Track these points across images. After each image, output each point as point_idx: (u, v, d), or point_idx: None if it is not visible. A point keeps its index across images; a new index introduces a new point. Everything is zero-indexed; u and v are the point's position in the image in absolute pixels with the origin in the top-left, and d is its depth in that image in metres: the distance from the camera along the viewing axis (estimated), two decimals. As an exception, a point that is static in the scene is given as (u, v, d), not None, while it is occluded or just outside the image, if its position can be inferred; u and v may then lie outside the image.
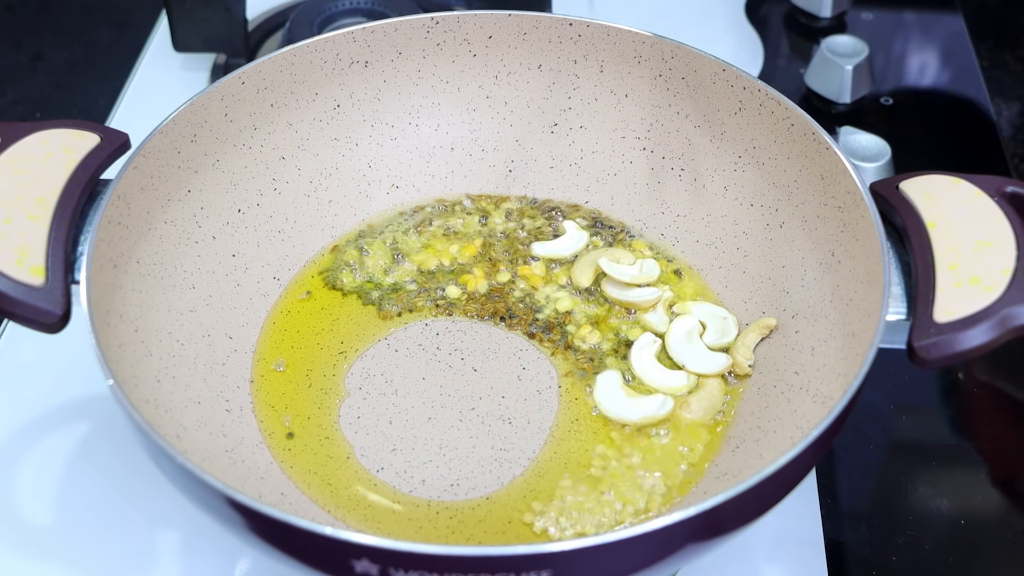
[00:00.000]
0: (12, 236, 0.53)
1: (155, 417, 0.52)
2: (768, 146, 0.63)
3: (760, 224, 0.64)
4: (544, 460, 0.57)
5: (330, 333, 0.63)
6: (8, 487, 0.64)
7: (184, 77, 0.91)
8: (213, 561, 0.61)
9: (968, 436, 0.69)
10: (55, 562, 0.61)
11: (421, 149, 0.70)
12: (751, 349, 0.60)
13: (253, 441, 0.58)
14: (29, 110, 0.95)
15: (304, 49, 0.66)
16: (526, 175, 0.70)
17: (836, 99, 0.88)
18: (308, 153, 0.68)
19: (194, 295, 0.61)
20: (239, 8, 0.85)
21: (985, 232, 0.53)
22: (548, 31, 0.68)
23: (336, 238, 0.68)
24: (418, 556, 0.44)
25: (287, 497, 0.55)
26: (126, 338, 0.55)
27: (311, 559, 0.47)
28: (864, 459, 0.67)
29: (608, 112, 0.69)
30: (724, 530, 0.49)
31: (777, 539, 0.61)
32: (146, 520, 0.62)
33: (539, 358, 0.62)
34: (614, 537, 0.44)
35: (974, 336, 0.50)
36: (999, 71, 1.07)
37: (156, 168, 0.60)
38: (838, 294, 0.58)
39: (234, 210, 0.64)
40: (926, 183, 0.56)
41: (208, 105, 0.62)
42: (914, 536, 0.63)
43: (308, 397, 0.60)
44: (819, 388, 0.55)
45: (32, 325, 0.53)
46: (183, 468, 0.47)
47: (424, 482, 0.57)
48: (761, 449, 0.55)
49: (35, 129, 0.57)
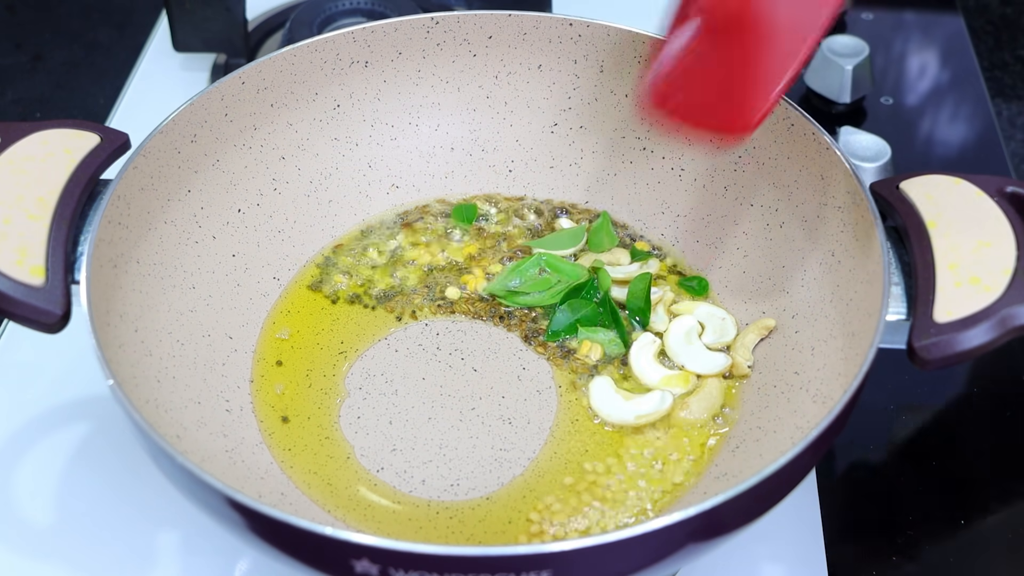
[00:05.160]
0: (12, 236, 0.53)
1: (155, 417, 0.52)
2: (768, 146, 0.63)
3: (760, 224, 0.64)
4: (544, 460, 0.57)
5: (330, 333, 0.63)
6: (8, 487, 0.64)
7: (184, 77, 0.91)
8: (213, 561, 0.61)
9: (968, 436, 0.69)
10: (55, 562, 0.61)
11: (421, 149, 0.70)
12: (750, 350, 0.60)
13: (253, 441, 0.58)
14: (29, 110, 0.95)
15: (304, 49, 0.66)
16: (526, 175, 0.70)
17: (836, 99, 0.88)
18: (308, 153, 0.68)
19: (194, 295, 0.61)
20: (239, 8, 0.85)
21: (985, 232, 0.53)
22: (548, 31, 0.68)
23: (336, 238, 0.68)
24: (418, 556, 0.44)
25: (287, 497, 0.55)
26: (126, 338, 0.55)
27: (311, 559, 0.47)
28: (864, 459, 0.67)
29: (608, 112, 0.69)
30: (724, 530, 0.49)
31: (777, 539, 0.61)
32: (146, 520, 0.62)
33: (538, 358, 0.62)
34: (614, 537, 0.44)
35: (974, 336, 0.50)
36: (999, 71, 1.07)
37: (156, 168, 0.60)
38: (838, 294, 0.58)
39: (234, 210, 0.65)
40: (926, 183, 0.56)
41: (208, 105, 0.62)
42: (914, 536, 0.63)
43: (308, 397, 0.60)
44: (819, 388, 0.55)
45: (32, 325, 0.53)
46: (183, 468, 0.47)
47: (424, 482, 0.57)
48: (761, 449, 0.55)
49: (35, 129, 0.57)
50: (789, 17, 0.55)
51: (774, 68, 0.55)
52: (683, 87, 0.58)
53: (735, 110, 0.56)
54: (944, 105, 0.90)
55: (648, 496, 0.55)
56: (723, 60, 0.57)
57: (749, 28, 0.55)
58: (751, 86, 0.56)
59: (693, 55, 0.58)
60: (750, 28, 0.55)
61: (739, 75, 0.56)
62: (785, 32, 0.55)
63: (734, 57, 0.56)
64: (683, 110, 0.58)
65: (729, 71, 0.57)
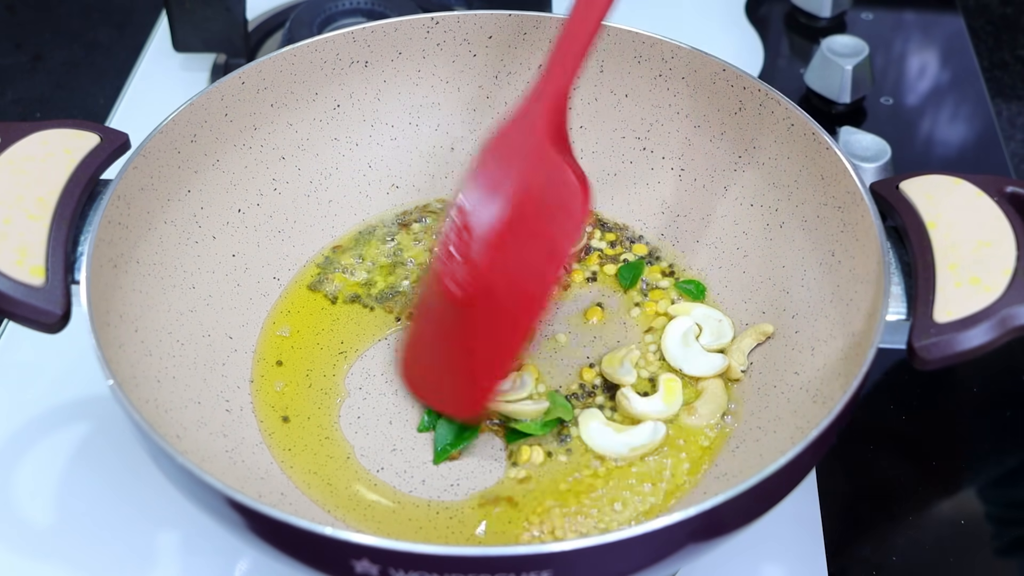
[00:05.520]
0: (12, 236, 0.53)
1: (155, 417, 0.52)
2: (768, 146, 0.63)
3: (760, 224, 0.64)
4: (544, 460, 0.57)
5: (330, 333, 0.63)
6: (8, 487, 0.64)
7: (184, 77, 0.91)
8: (213, 561, 0.61)
9: (968, 436, 0.68)
10: (55, 562, 0.61)
11: (421, 149, 0.70)
12: (745, 354, 0.60)
13: (253, 441, 0.58)
14: (29, 110, 0.95)
15: (304, 49, 0.66)
16: (526, 175, 0.70)
17: (836, 99, 0.88)
18: (308, 153, 0.68)
19: (194, 295, 0.61)
20: (239, 8, 0.85)
21: (985, 232, 0.53)
22: (548, 31, 0.68)
23: (336, 238, 0.68)
24: (418, 556, 0.44)
25: (287, 497, 0.55)
26: (126, 338, 0.55)
27: (311, 559, 0.47)
28: (864, 459, 0.67)
29: (608, 112, 0.69)
30: (724, 530, 0.49)
31: (777, 539, 0.61)
32: (146, 520, 0.62)
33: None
34: (614, 537, 0.44)
35: (974, 336, 0.50)
36: (999, 71, 1.08)
37: (156, 168, 0.60)
38: (838, 294, 0.58)
39: (234, 210, 0.65)
40: (926, 183, 0.56)
41: (208, 105, 0.62)
42: (914, 536, 0.63)
43: (308, 397, 0.60)
44: (819, 388, 0.55)
45: (32, 325, 0.53)
46: (183, 468, 0.47)
47: (424, 482, 0.57)
48: (761, 449, 0.56)
49: (35, 129, 0.57)
50: (514, 289, 0.57)
51: (503, 340, 0.57)
52: (425, 374, 0.60)
53: (462, 398, 0.58)
54: (944, 105, 0.90)
55: (648, 496, 0.55)
56: (455, 340, 0.58)
57: (475, 305, 0.57)
58: (483, 358, 0.57)
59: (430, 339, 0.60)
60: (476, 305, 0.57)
61: (471, 349, 0.58)
62: (512, 300, 0.56)
63: (464, 334, 0.58)
64: (422, 392, 0.60)
65: (460, 348, 0.58)
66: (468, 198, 0.58)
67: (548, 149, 0.57)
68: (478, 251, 0.56)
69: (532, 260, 0.56)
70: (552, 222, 0.57)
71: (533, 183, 0.57)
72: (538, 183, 0.57)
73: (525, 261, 0.56)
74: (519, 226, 0.57)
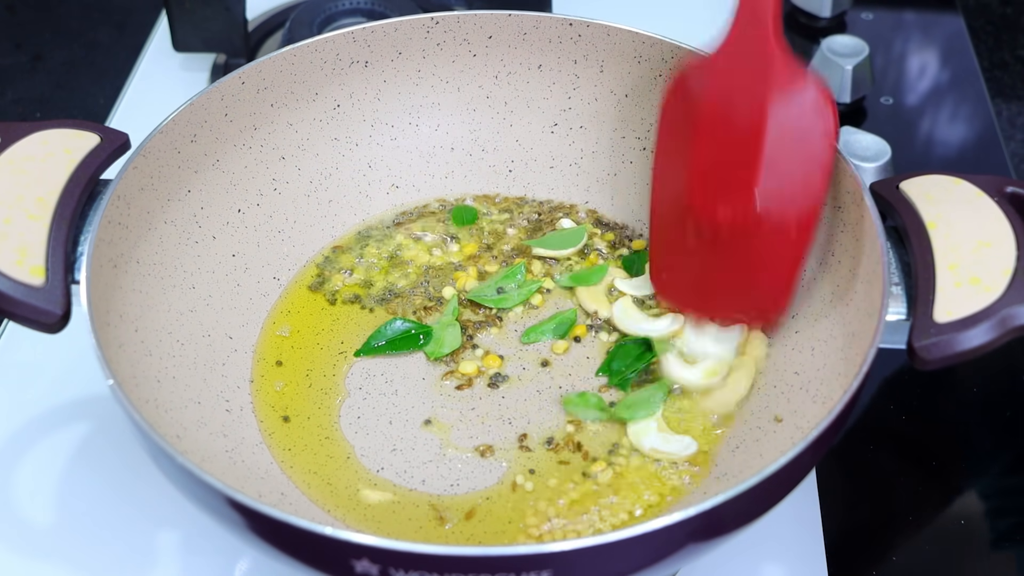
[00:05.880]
0: (12, 236, 0.53)
1: (155, 417, 0.52)
2: (768, 146, 0.63)
3: (760, 224, 0.64)
4: (544, 460, 0.57)
5: (330, 333, 0.63)
6: (8, 487, 0.64)
7: (184, 77, 0.91)
8: (213, 561, 0.61)
9: (968, 436, 0.68)
10: (55, 562, 0.61)
11: (421, 149, 0.70)
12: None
13: (253, 441, 0.58)
14: (29, 110, 0.95)
15: (304, 49, 0.66)
16: (526, 175, 0.70)
17: (836, 99, 0.87)
18: (308, 153, 0.68)
19: (194, 295, 0.61)
20: (239, 8, 0.85)
21: (985, 232, 0.53)
22: (548, 31, 0.68)
23: (336, 238, 0.68)
24: (418, 556, 0.44)
25: (287, 497, 0.55)
26: (126, 338, 0.55)
27: (311, 559, 0.47)
28: (864, 459, 0.67)
29: (608, 112, 0.69)
30: (724, 530, 0.49)
31: (777, 539, 0.61)
32: (146, 520, 0.62)
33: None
34: (614, 537, 0.44)
35: (974, 336, 0.50)
36: (999, 71, 1.08)
37: (156, 168, 0.60)
38: (838, 294, 0.58)
39: (234, 210, 0.65)
40: (926, 183, 0.56)
41: (208, 105, 0.62)
42: (914, 536, 0.63)
43: (308, 397, 0.60)
44: (819, 388, 0.55)
45: (32, 325, 0.53)
46: (183, 468, 0.47)
47: (424, 482, 0.57)
48: (761, 449, 0.56)
49: (35, 129, 0.57)
50: (788, 207, 0.56)
51: (786, 257, 0.57)
52: (695, 288, 0.61)
53: (759, 304, 0.59)
54: (944, 105, 0.90)
55: (648, 496, 0.55)
56: (732, 263, 0.59)
57: (753, 233, 0.57)
58: (769, 280, 0.58)
59: (696, 257, 0.60)
60: (755, 233, 0.57)
61: (754, 272, 0.58)
62: (788, 219, 0.56)
63: (744, 258, 0.58)
64: (699, 306, 0.60)
65: (742, 271, 0.59)
66: (713, 123, 0.57)
67: (784, 55, 0.57)
68: (749, 173, 0.56)
69: (796, 170, 0.56)
70: (806, 127, 0.56)
71: (779, 90, 0.56)
72: (783, 87, 0.56)
73: (791, 172, 0.56)
74: (778, 139, 0.56)
